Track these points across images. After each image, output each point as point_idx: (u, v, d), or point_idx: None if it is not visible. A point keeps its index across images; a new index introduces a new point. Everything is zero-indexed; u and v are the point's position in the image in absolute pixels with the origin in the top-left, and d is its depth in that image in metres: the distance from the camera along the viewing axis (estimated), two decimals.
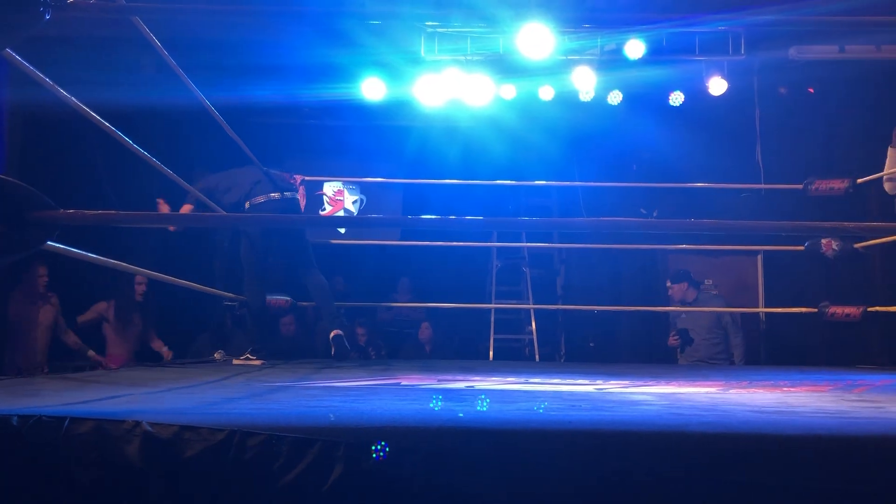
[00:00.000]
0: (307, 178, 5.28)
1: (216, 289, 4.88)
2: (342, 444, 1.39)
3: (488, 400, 2.28)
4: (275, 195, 4.53)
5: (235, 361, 4.33)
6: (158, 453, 1.40)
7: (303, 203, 5.23)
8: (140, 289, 5.90)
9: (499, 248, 7.23)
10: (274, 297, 4.97)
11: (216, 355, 4.82)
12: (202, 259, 5.42)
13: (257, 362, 4.26)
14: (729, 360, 5.74)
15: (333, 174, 7.09)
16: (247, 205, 4.53)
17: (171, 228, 4.60)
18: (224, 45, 5.86)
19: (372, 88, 6.24)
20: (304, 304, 5.45)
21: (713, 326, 5.73)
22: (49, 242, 1.99)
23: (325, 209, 7.87)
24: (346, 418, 1.61)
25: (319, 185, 7.63)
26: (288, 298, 5.01)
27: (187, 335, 6.41)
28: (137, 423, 1.44)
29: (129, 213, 2.86)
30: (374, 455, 1.36)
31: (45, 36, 2.34)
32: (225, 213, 4.55)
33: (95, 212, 1.88)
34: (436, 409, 1.90)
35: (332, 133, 7.41)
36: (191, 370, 3.76)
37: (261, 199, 4.53)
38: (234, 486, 1.39)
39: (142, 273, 3.70)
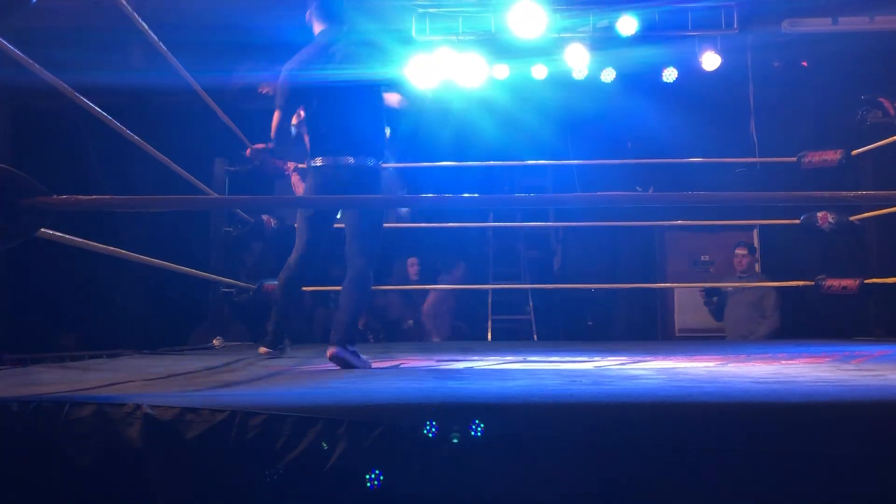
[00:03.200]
0: (300, 165, 5.25)
1: (213, 275, 4.87)
2: (344, 422, 1.39)
3: (488, 378, 2.28)
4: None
5: (262, 350, 3.49)
6: (160, 435, 1.40)
7: (298, 191, 5.20)
8: None
9: (495, 229, 7.22)
10: (270, 282, 4.95)
11: (215, 342, 4.82)
12: (199, 245, 5.40)
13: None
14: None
15: None
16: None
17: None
18: (206, 25, 5.81)
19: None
20: (306, 288, 5.43)
21: (756, 303, 5.82)
22: (43, 230, 1.97)
23: None
24: (348, 397, 1.61)
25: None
26: None
27: (185, 323, 6.42)
28: (138, 406, 1.44)
29: (125, 198, 2.84)
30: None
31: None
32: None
33: (90, 197, 1.87)
34: (437, 387, 1.90)
35: None
36: (190, 357, 3.75)
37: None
38: (237, 466, 1.39)
39: (137, 259, 3.68)
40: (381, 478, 1.36)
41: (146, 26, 3.00)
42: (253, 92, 6.33)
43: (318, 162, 3.16)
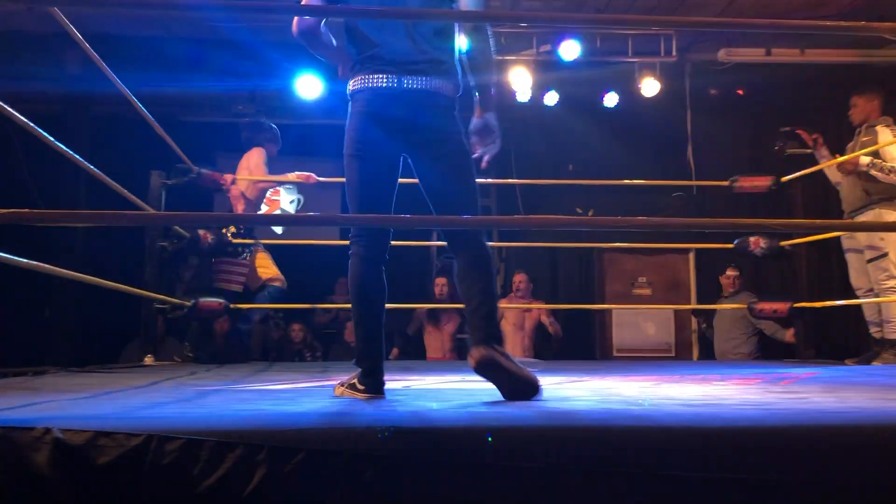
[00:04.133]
0: (238, 177, 5.18)
1: (147, 291, 4.74)
2: (265, 447, 1.35)
3: (421, 399, 2.26)
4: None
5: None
6: (69, 461, 1.34)
7: (237, 204, 5.14)
8: None
9: (438, 248, 7.22)
10: (206, 299, 4.85)
11: (147, 360, 4.69)
12: (133, 259, 5.26)
13: None
14: (749, 354, 5.94)
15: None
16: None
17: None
18: (148, 39, 5.72)
19: (307, 86, 6.16)
20: (241, 306, 5.34)
21: (738, 322, 5.96)
22: None
23: (260, 209, 7.73)
24: (271, 420, 1.58)
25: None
26: (221, 301, 4.90)
27: (117, 340, 6.24)
28: (48, 430, 1.38)
29: (57, 213, 2.75)
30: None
31: None
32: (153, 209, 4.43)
33: (21, 210, 1.79)
34: (364, 410, 1.88)
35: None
36: (119, 375, 3.64)
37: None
38: (151, 493, 1.34)
39: (69, 276, 3.57)
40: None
41: (78, 34, 2.92)
42: (192, 104, 6.24)
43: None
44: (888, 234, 4.34)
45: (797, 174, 4.98)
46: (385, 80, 2.23)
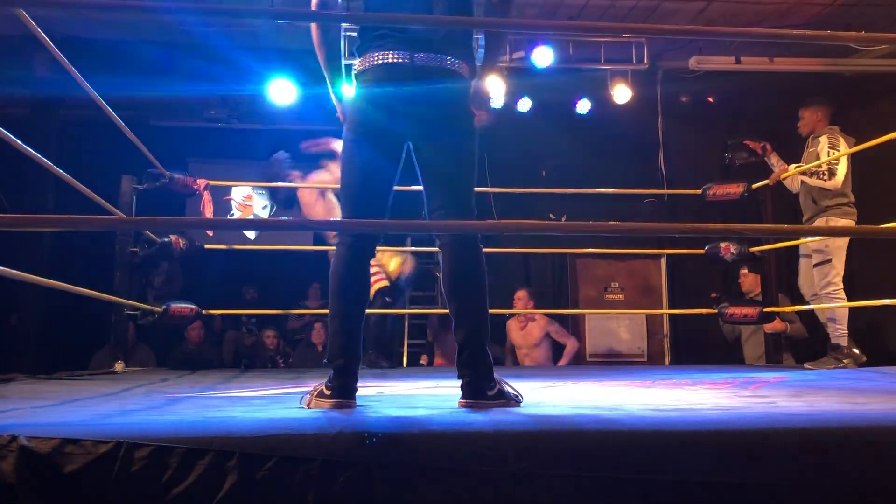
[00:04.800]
0: (213, 182, 5.14)
1: (117, 297, 4.68)
2: (235, 453, 1.34)
3: (393, 406, 2.25)
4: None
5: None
6: (35, 469, 1.32)
7: (208, 209, 5.09)
8: None
9: (412, 253, 7.20)
10: (178, 304, 4.80)
11: (117, 366, 4.63)
12: (103, 264, 5.19)
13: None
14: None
15: (242, 179, 6.92)
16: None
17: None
18: (118, 42, 5.66)
19: (281, 90, 6.13)
20: (212, 312, 5.30)
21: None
22: None
23: (233, 214, 7.69)
24: (242, 427, 1.56)
25: (227, 189, 7.44)
26: (193, 307, 4.85)
27: (86, 346, 6.15)
28: (14, 438, 1.35)
29: (26, 217, 2.71)
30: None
31: None
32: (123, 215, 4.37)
33: None
34: (337, 416, 1.87)
35: (240, 136, 7.24)
36: (89, 382, 3.59)
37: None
38: (120, 500, 1.32)
39: (36, 282, 3.51)
40: None
41: (45, 36, 2.88)
42: (163, 109, 6.19)
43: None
44: (833, 240, 4.46)
45: (765, 181, 5.05)
46: (396, 57, 2.09)
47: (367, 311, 2.34)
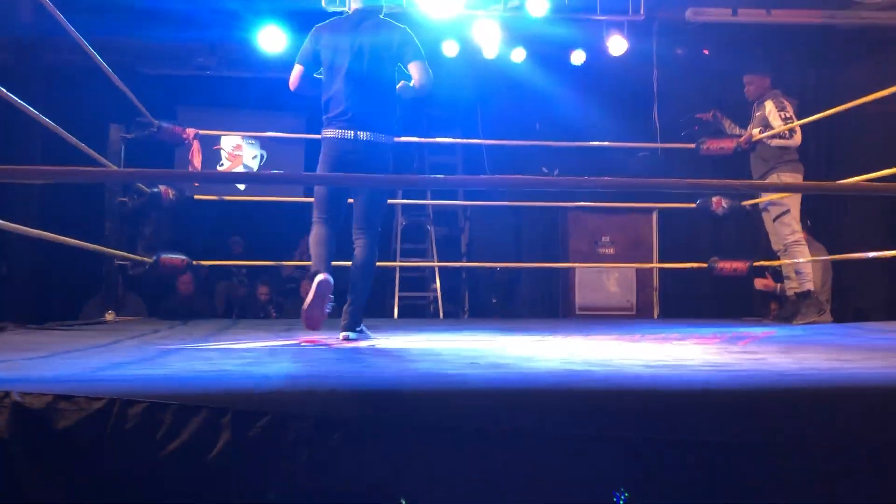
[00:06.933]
0: (202, 131, 5.07)
1: (107, 247, 4.65)
2: (229, 410, 1.35)
3: (387, 360, 2.26)
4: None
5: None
6: (29, 425, 1.32)
7: (197, 159, 5.03)
8: None
9: (403, 206, 7.17)
10: (168, 255, 4.78)
11: (107, 316, 4.62)
12: (93, 214, 5.13)
13: None
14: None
15: (232, 128, 6.82)
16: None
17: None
18: None
19: (270, 39, 6.00)
20: (203, 263, 5.27)
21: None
22: None
23: (223, 164, 7.61)
24: (235, 383, 1.56)
25: (217, 139, 7.35)
26: (184, 258, 4.83)
27: (77, 296, 6.14)
28: (6, 394, 1.35)
29: (13, 168, 2.67)
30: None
31: None
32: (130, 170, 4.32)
33: None
34: (330, 372, 1.87)
35: (230, 85, 7.12)
36: (80, 333, 3.59)
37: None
38: (114, 458, 1.33)
39: (25, 232, 3.48)
40: (268, 468, 1.32)
41: None
42: (150, 55, 6.06)
43: (332, 133, 3.25)
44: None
45: (761, 136, 5.02)
46: (344, 134, 3.22)
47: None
